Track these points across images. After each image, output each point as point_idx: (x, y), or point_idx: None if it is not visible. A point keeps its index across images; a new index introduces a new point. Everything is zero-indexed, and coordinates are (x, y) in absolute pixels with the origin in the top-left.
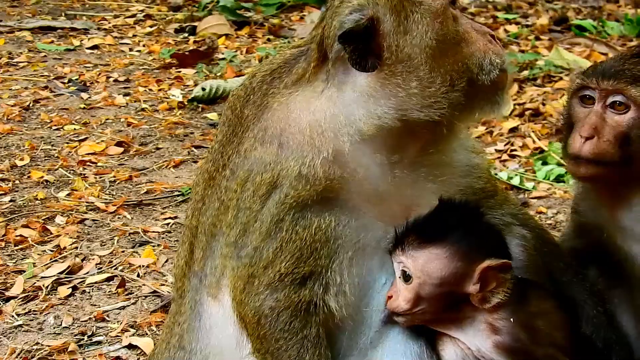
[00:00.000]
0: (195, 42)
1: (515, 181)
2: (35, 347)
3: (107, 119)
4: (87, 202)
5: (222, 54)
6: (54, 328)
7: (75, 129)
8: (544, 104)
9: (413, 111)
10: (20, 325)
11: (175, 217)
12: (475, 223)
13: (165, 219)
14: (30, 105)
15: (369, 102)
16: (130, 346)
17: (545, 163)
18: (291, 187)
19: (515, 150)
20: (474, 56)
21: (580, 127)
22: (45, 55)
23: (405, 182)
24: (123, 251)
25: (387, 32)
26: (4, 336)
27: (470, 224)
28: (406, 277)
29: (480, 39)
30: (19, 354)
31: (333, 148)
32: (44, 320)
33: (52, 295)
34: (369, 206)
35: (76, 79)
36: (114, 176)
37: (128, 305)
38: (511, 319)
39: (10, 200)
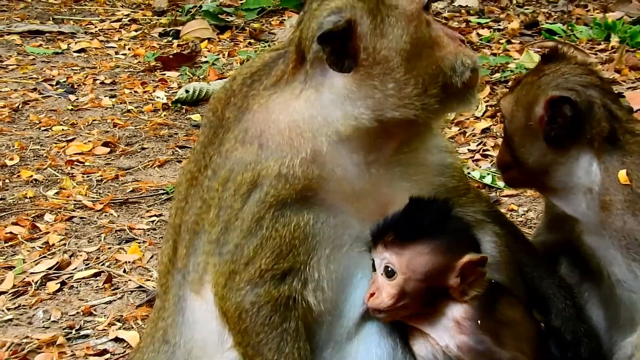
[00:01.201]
0: (179, 45)
1: (488, 180)
2: (24, 341)
3: (94, 120)
4: (74, 201)
5: (205, 57)
6: (43, 322)
7: (63, 129)
8: None
9: (389, 111)
10: (10, 320)
11: (160, 215)
12: (449, 218)
13: (151, 216)
14: (20, 106)
15: (346, 104)
16: (117, 339)
17: None
18: (271, 186)
19: (487, 150)
20: (447, 58)
21: None
22: (34, 59)
23: (381, 181)
24: (110, 248)
25: (364, 35)
26: None
27: (445, 219)
28: (389, 273)
29: (451, 43)
30: (9, 347)
31: (311, 148)
32: (34, 315)
33: (41, 290)
34: (346, 204)
35: (64, 82)
36: (101, 175)
37: (114, 300)
38: (478, 321)
39: (1, 199)
